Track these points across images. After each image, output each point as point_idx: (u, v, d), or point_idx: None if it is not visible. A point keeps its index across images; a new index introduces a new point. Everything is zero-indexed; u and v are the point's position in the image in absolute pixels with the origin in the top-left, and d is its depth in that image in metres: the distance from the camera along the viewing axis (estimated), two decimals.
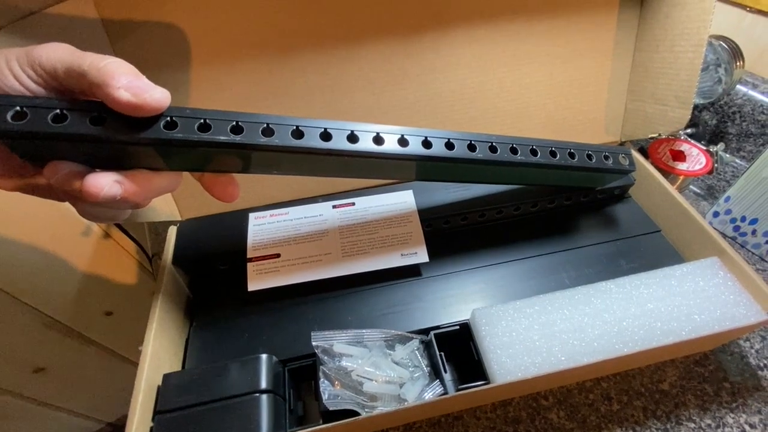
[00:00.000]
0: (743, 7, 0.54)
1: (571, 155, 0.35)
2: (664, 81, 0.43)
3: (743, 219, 0.45)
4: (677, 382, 0.38)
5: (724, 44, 0.49)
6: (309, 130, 0.26)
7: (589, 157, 0.36)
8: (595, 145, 0.37)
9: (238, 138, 0.24)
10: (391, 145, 0.29)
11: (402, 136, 0.29)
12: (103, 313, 0.67)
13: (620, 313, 0.33)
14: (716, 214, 0.48)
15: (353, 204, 0.42)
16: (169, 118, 0.23)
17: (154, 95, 0.21)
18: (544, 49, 0.43)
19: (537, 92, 0.44)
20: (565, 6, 0.42)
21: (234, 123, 0.24)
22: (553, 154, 0.34)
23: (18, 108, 0.21)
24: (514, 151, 0.33)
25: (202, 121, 0.24)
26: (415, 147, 0.29)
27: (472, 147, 0.31)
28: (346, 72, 0.41)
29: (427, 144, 0.30)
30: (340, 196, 0.43)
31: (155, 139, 0.23)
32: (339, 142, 0.27)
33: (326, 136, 0.27)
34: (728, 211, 0.46)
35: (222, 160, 0.27)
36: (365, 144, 0.28)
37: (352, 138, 0.28)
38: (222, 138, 0.24)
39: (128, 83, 0.21)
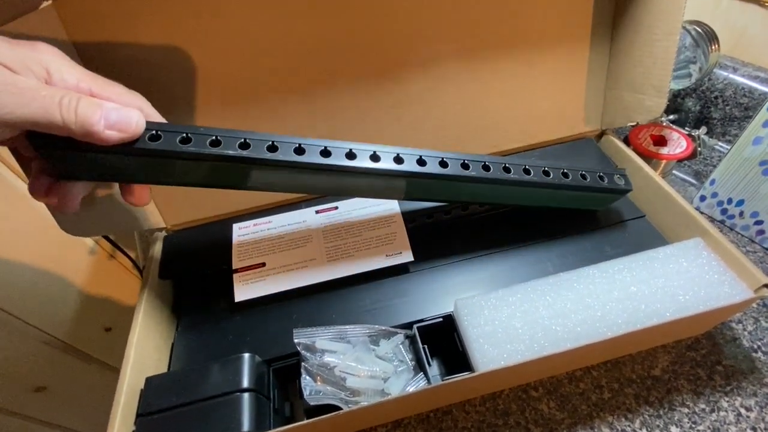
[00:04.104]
0: None
1: (565, 175, 0.36)
2: (640, 70, 0.43)
3: (729, 201, 0.45)
4: (669, 368, 0.37)
5: (698, 28, 0.49)
6: (309, 148, 0.29)
7: (584, 177, 0.37)
8: (590, 166, 0.38)
9: (245, 152, 0.27)
10: (387, 163, 0.31)
11: (398, 154, 0.32)
12: (103, 329, 0.67)
13: (603, 297, 0.33)
14: (703, 198, 0.47)
15: (336, 208, 0.42)
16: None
17: (132, 123, 0.24)
18: (522, 40, 0.43)
19: (517, 85, 0.45)
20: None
21: (243, 140, 0.27)
22: (546, 173, 0.35)
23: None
24: (506, 170, 0.34)
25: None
26: (409, 165, 0.31)
27: (465, 165, 0.33)
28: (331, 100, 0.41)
29: (421, 162, 0.32)
30: (322, 201, 0.43)
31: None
32: (338, 159, 0.30)
33: (326, 153, 0.29)
34: (714, 194, 0.46)
35: (224, 176, 0.30)
36: (363, 162, 0.30)
37: (350, 155, 0.30)
38: (231, 152, 0.27)
39: (108, 123, 0.23)
